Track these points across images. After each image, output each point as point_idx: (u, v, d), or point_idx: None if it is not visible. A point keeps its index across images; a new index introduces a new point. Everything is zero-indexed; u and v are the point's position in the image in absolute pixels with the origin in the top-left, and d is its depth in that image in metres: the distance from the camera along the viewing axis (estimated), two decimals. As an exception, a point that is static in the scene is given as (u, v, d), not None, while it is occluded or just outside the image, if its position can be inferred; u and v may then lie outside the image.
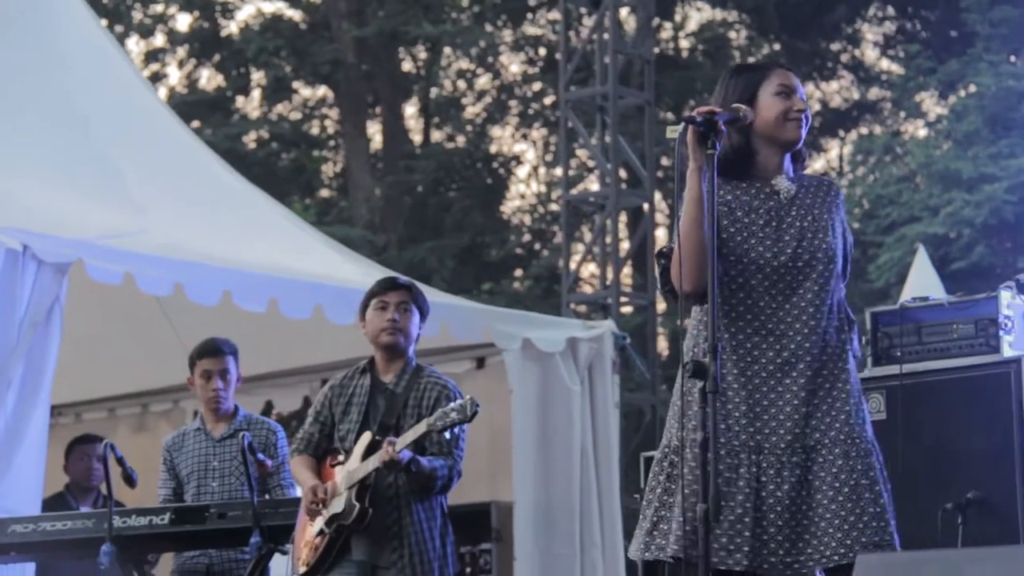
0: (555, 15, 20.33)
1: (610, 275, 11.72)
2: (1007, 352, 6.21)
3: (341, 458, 5.97)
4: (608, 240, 11.93)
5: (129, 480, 6.57)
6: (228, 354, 6.75)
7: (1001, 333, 6.26)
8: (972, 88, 16.92)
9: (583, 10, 13.60)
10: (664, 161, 17.63)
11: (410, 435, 5.70)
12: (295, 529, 6.12)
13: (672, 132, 4.12)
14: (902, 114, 19.95)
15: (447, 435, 5.77)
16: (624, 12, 12.29)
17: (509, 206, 21.88)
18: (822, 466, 4.26)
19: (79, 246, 7.29)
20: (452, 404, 5.70)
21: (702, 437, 4.00)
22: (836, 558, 4.19)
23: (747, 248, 4.33)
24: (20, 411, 6.95)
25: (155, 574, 7.26)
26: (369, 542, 5.85)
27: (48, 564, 7.52)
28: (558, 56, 18.59)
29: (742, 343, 4.33)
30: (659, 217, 18.40)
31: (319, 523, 5.89)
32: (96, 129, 8.75)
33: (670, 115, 19.36)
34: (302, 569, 5.94)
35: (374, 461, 5.73)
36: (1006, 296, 6.29)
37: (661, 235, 18.65)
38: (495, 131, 21.68)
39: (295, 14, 21.06)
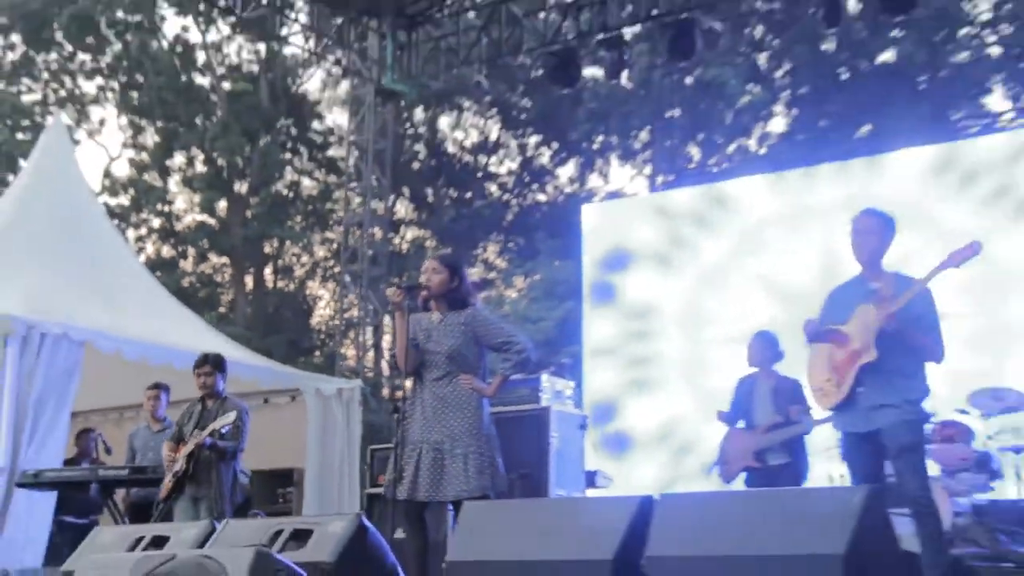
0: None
1: (369, 358, 16.54)
2: (544, 403, 9.36)
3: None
4: (369, 338, 17.00)
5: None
6: None
7: (541, 394, 9.43)
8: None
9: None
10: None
11: (207, 432, 8.39)
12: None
13: (392, 292, 6.47)
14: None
15: (240, 425, 8.38)
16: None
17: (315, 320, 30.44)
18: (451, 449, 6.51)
19: None
20: (229, 415, 8.37)
21: (396, 440, 6.44)
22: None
23: (425, 348, 6.67)
24: None
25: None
26: (194, 485, 8.61)
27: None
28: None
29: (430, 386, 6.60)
30: (387, 327, 23.46)
31: (170, 473, 8.55)
32: None
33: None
34: (163, 493, 8.64)
35: (192, 444, 8.42)
36: (545, 377, 9.59)
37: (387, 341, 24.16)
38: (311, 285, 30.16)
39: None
